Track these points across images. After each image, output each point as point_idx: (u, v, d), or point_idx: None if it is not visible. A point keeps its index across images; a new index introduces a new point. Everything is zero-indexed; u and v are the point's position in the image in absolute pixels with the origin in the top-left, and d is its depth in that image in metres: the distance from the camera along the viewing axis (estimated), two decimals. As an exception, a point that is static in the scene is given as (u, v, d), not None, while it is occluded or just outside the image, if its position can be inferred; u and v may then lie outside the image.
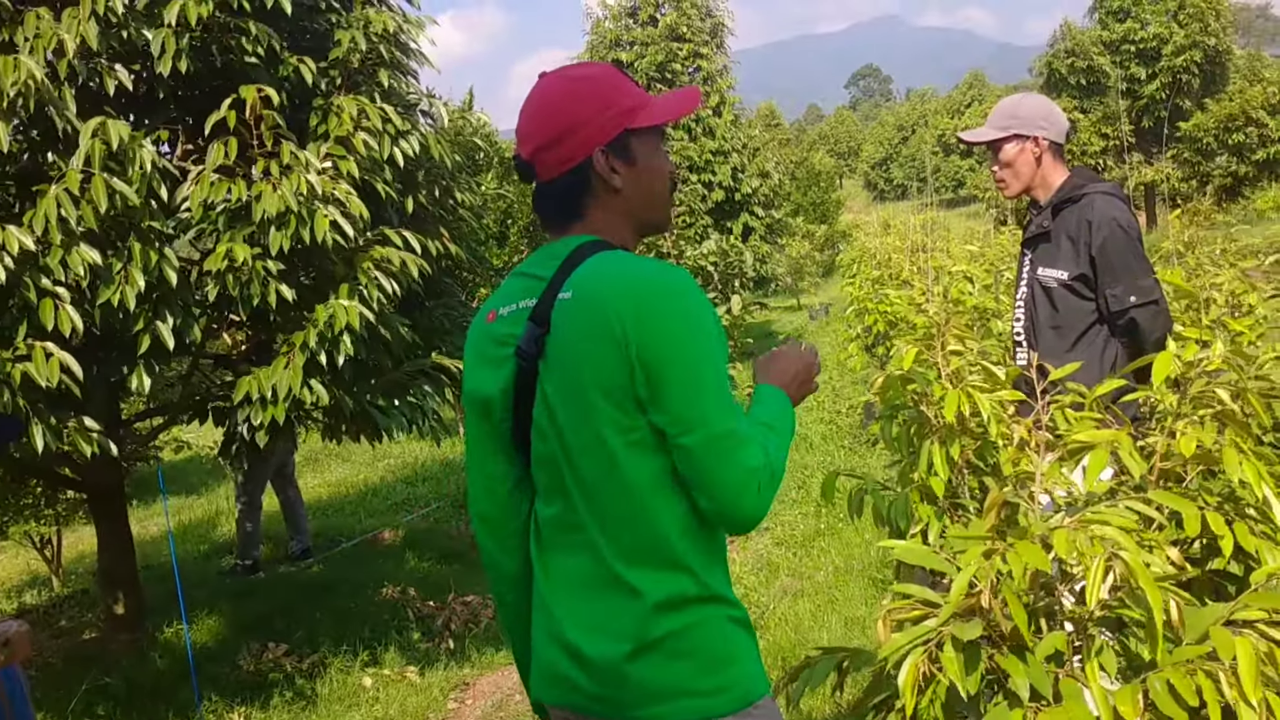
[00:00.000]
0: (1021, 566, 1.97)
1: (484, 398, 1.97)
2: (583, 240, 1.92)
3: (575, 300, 1.82)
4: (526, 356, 1.87)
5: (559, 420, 1.84)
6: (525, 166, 1.95)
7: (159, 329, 4.47)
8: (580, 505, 1.86)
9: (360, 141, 4.77)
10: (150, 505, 11.55)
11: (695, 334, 1.79)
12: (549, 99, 1.94)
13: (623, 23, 20.39)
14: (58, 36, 4.30)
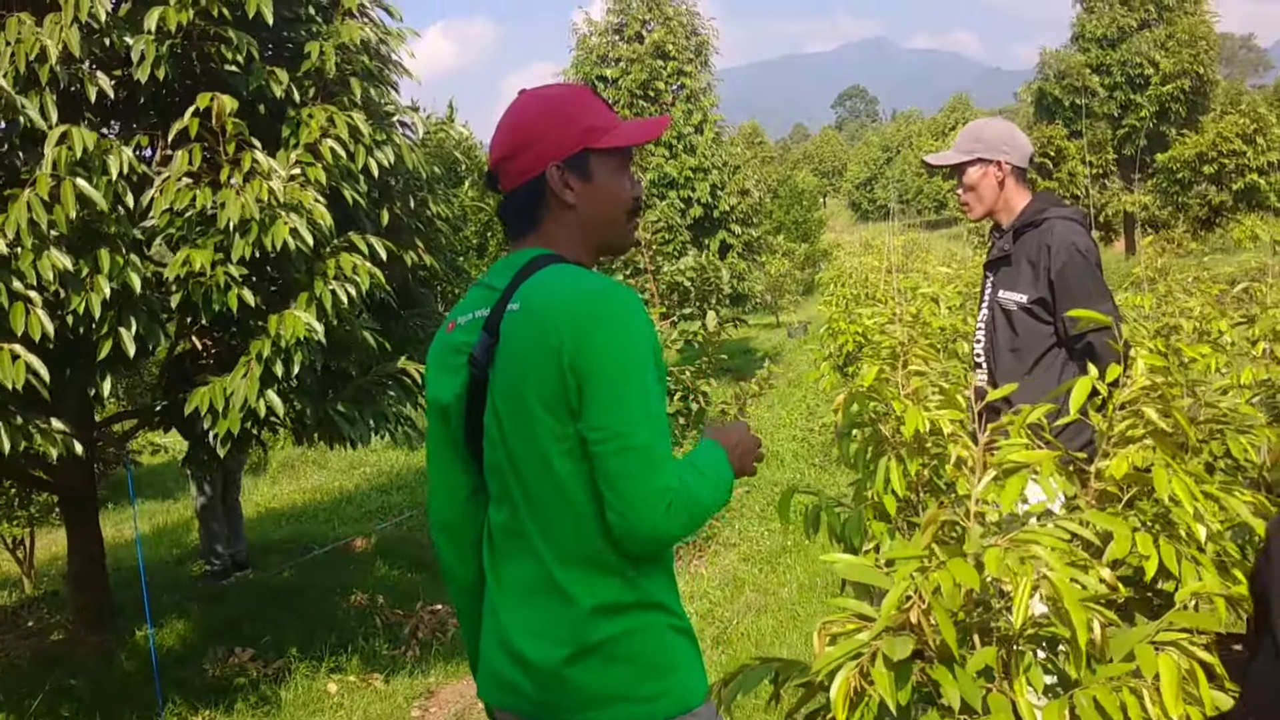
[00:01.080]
0: (951, 583, 2.02)
1: (442, 405, 2.01)
2: (536, 253, 1.98)
3: (521, 312, 1.87)
4: (478, 365, 1.92)
5: (505, 428, 1.89)
6: (491, 176, 2.03)
7: (121, 335, 4.50)
8: (524, 511, 1.91)
9: (328, 149, 4.81)
10: (125, 509, 11.52)
11: (625, 348, 1.82)
12: (518, 113, 2.01)
13: (609, 39, 20.47)
14: (40, 42, 4.34)
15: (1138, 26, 32.67)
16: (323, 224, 4.64)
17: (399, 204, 5.65)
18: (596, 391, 1.80)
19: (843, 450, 3.38)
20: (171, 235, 4.60)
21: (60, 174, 4.26)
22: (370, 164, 5.02)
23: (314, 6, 5.26)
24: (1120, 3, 32.93)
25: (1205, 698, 1.95)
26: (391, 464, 12.87)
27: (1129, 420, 2.61)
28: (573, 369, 1.79)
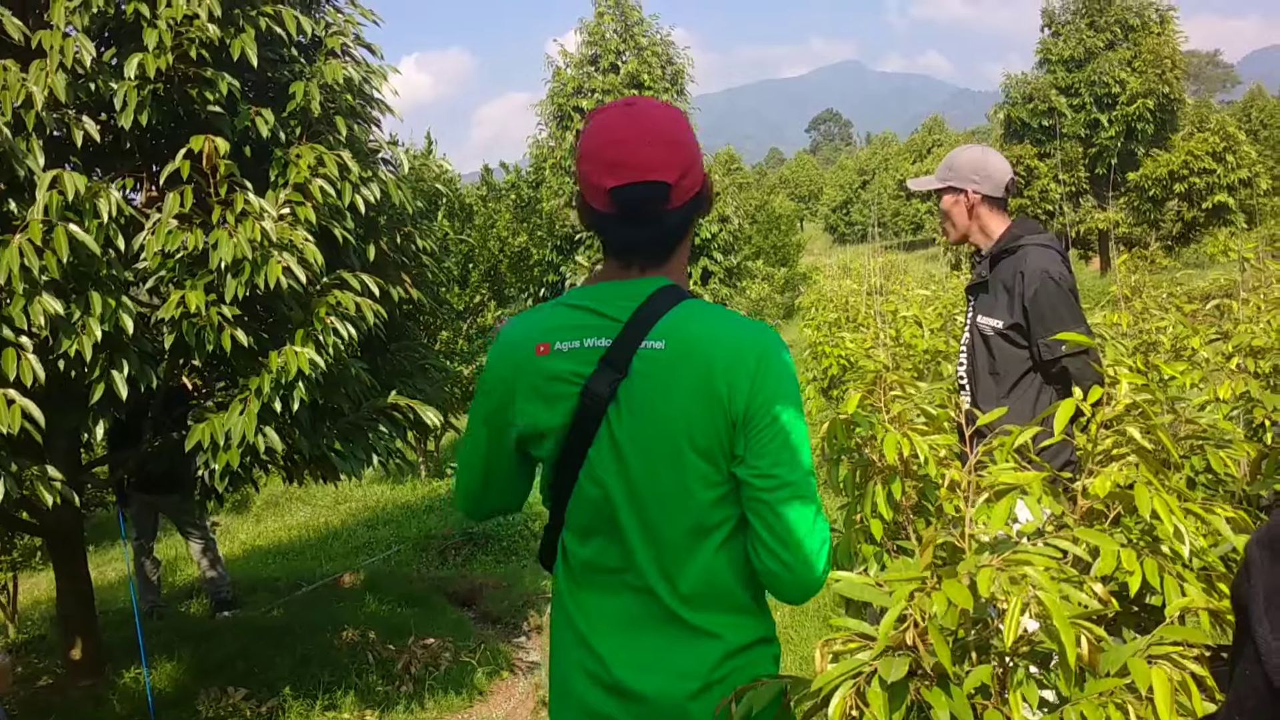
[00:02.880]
0: (945, 604, 2.07)
1: (537, 431, 1.94)
2: (661, 284, 1.90)
3: (671, 352, 1.82)
4: (595, 399, 1.85)
5: (630, 467, 1.85)
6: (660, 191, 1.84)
7: (113, 378, 4.52)
8: (638, 549, 1.88)
9: (317, 188, 4.86)
10: (108, 550, 11.47)
11: (793, 394, 1.83)
12: (673, 126, 1.89)
13: (584, 70, 20.63)
14: (26, 89, 4.38)
15: (1104, 47, 33.12)
16: (314, 262, 4.67)
17: (385, 239, 5.70)
18: (766, 438, 1.78)
19: (830, 476, 3.42)
20: (164, 277, 4.63)
21: (52, 218, 4.29)
22: (357, 201, 5.07)
23: (297, 47, 5.31)
24: (1086, 25, 33.38)
25: (1197, 709, 2.00)
26: (377, 498, 12.85)
27: (1112, 438, 2.68)
28: (744, 416, 1.77)
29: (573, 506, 1.96)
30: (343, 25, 5.52)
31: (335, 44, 5.35)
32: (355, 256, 5.38)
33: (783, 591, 1.87)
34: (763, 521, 1.80)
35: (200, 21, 4.60)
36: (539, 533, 9.98)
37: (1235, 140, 30.64)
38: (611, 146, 1.84)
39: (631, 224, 1.87)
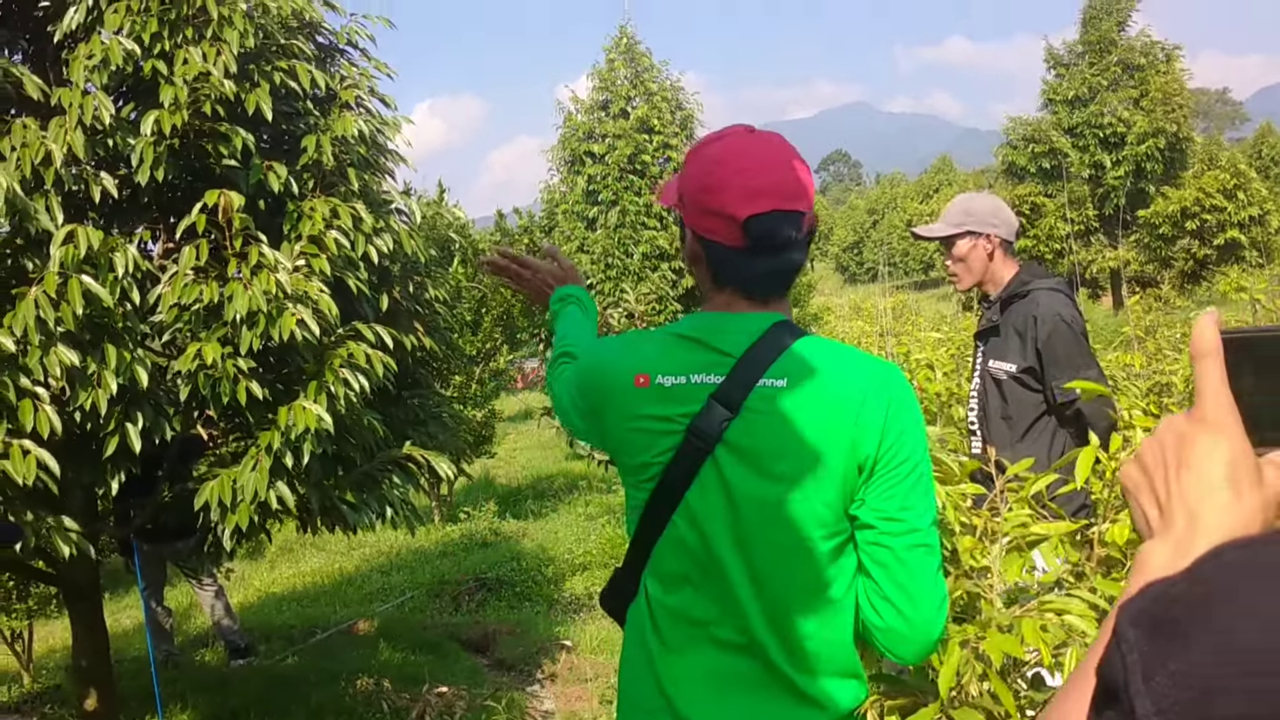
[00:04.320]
0: (1001, 655, 2.05)
1: (636, 464, 1.83)
2: (778, 318, 1.79)
3: (794, 390, 1.71)
4: (703, 438, 1.72)
5: (740, 513, 1.72)
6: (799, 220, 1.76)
7: (127, 431, 4.55)
8: (745, 602, 1.75)
9: (332, 240, 4.91)
10: (123, 597, 11.46)
11: (923, 435, 1.73)
12: (791, 153, 1.79)
13: (594, 115, 20.80)
14: (45, 147, 4.45)
15: (1108, 86, 33.25)
16: (329, 313, 4.71)
17: (398, 289, 5.73)
18: (895, 480, 1.67)
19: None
20: (180, 330, 4.67)
21: (67, 272, 4.34)
22: (371, 251, 5.11)
23: (311, 100, 5.38)
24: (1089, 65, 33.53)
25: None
26: (390, 544, 12.83)
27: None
28: (870, 456, 1.67)
29: (661, 550, 1.83)
30: (357, 79, 5.59)
31: (349, 97, 5.41)
32: (369, 306, 5.42)
33: (898, 649, 1.72)
34: (884, 570, 1.68)
35: (216, 78, 4.67)
36: (551, 577, 9.99)
37: (1246, 177, 30.67)
38: (746, 174, 1.73)
39: (763, 256, 1.75)
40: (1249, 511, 0.77)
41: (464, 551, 11.83)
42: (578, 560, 10.61)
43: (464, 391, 13.92)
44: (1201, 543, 0.73)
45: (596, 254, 19.85)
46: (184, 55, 4.74)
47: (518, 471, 18.23)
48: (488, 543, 12.13)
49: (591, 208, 20.38)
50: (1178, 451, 0.81)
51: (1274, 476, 0.80)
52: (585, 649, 7.72)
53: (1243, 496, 0.77)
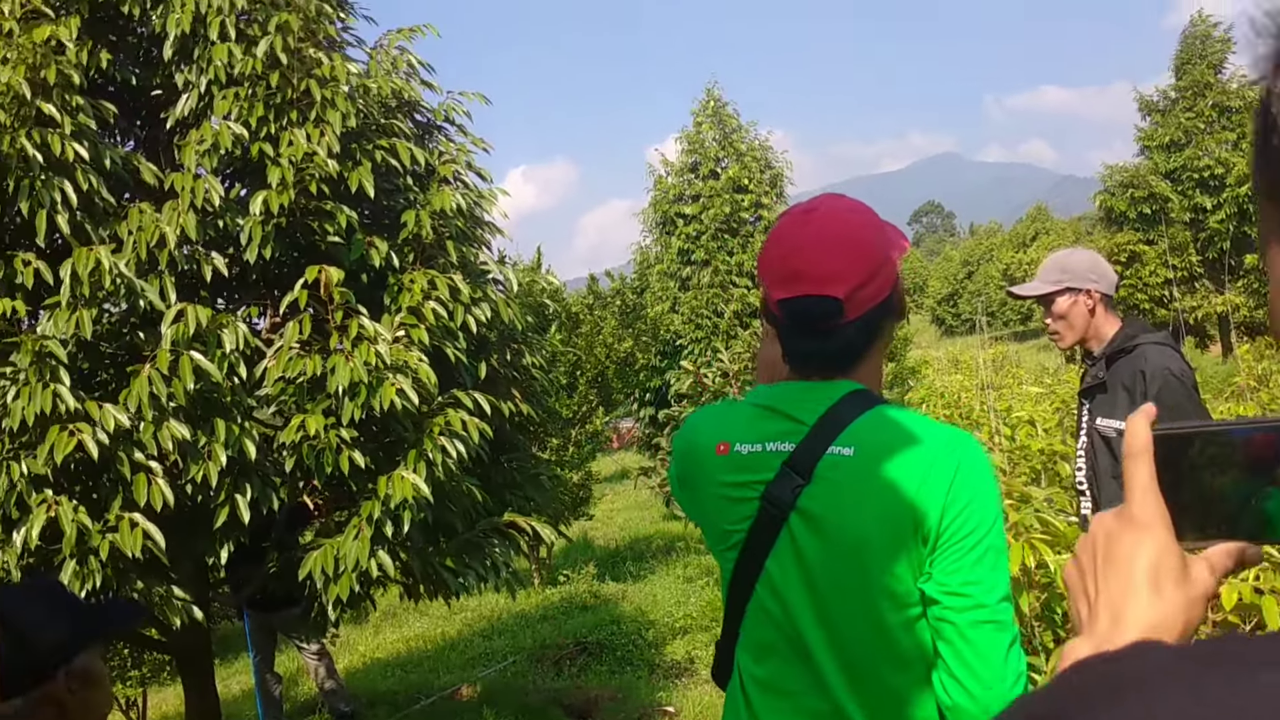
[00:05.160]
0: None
1: (719, 532, 1.84)
2: (852, 387, 1.78)
3: (860, 459, 1.69)
4: (777, 504, 1.73)
5: (816, 582, 1.71)
6: (831, 306, 1.73)
7: (237, 502, 4.67)
8: (829, 672, 1.72)
9: (430, 311, 5.02)
10: (232, 663, 11.68)
11: (995, 508, 1.69)
12: (855, 232, 1.78)
13: (685, 177, 20.97)
14: (159, 229, 4.64)
15: (1204, 129, 32.51)
16: (428, 383, 4.80)
17: (495, 356, 5.82)
18: (960, 553, 1.64)
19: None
20: (285, 402, 4.80)
21: (179, 349, 4.50)
22: (469, 321, 5.21)
23: (411, 176, 5.53)
24: (1183, 109, 32.84)
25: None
26: (491, 608, 12.88)
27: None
28: (935, 528, 1.64)
29: (749, 620, 1.82)
30: (454, 154, 5.74)
31: (447, 172, 5.55)
32: (467, 374, 5.51)
33: None
34: (951, 647, 1.62)
35: (320, 158, 4.83)
36: (652, 641, 9.93)
37: (1359, 217, 29.61)
38: (780, 258, 1.77)
39: (804, 337, 1.77)
40: (1171, 610, 0.77)
41: (564, 615, 11.82)
42: (678, 623, 10.53)
43: (561, 454, 14.01)
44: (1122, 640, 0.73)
45: (687, 314, 19.92)
46: (289, 137, 4.93)
47: (615, 532, 18.23)
48: (587, 606, 12.11)
49: (685, 267, 20.50)
50: (1106, 550, 0.82)
51: (1201, 573, 0.80)
52: (688, 715, 7.63)
53: (1163, 595, 0.77)
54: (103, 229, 4.78)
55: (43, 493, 4.39)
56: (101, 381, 5.09)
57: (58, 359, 4.40)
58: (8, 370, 4.46)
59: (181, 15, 5.01)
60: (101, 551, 4.35)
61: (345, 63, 5.27)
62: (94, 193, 4.70)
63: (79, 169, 4.64)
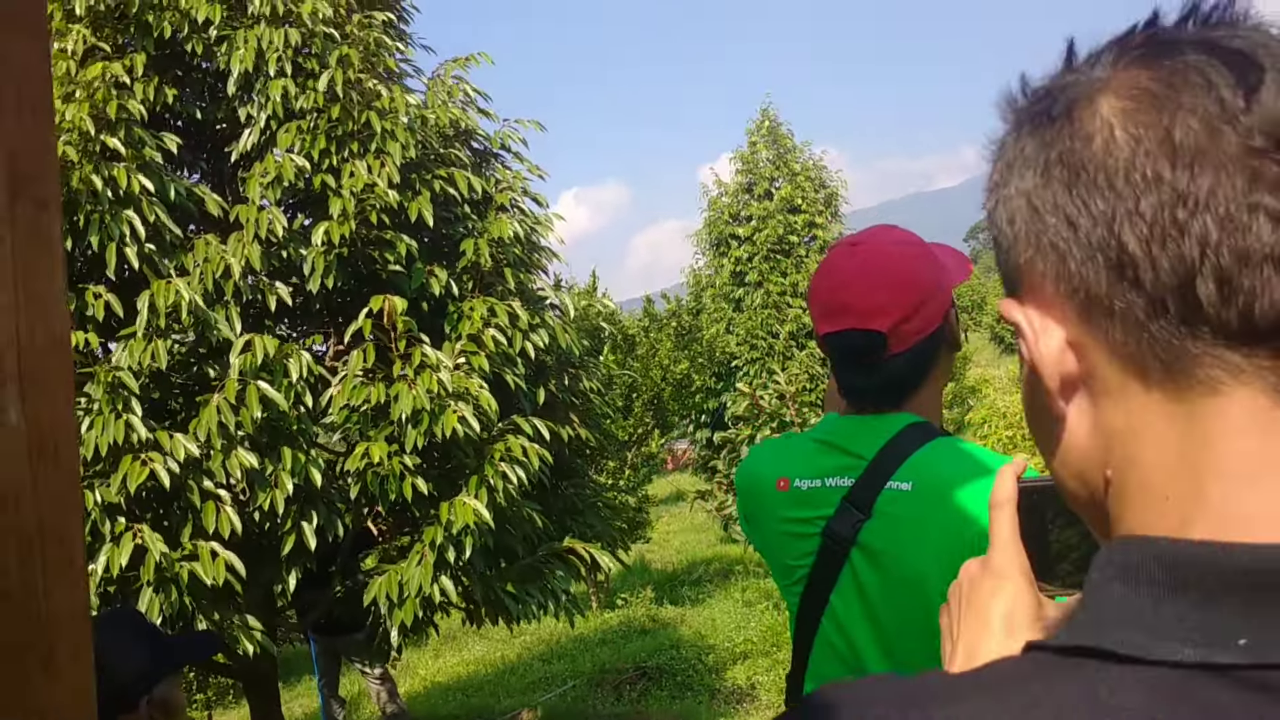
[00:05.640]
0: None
1: (784, 567, 1.83)
2: (911, 420, 1.74)
3: (919, 494, 1.67)
4: (838, 540, 1.72)
5: (880, 617, 1.70)
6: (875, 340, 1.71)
7: (303, 530, 4.73)
8: None
9: (490, 338, 5.06)
10: (294, 685, 11.79)
11: None
12: (899, 266, 1.74)
13: (739, 198, 20.98)
14: (225, 261, 4.73)
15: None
16: (488, 409, 4.84)
17: (553, 382, 5.85)
18: None
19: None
20: (349, 429, 4.86)
21: (246, 378, 4.58)
22: (527, 347, 5.24)
23: (469, 204, 5.59)
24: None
25: None
26: (550, 631, 12.89)
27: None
28: None
29: (815, 655, 1.80)
30: (511, 181, 5.80)
31: (504, 199, 5.61)
32: (526, 400, 5.54)
33: None
34: None
35: (380, 188, 4.91)
36: (712, 666, 9.87)
37: None
38: (827, 291, 1.75)
39: (852, 370, 1.76)
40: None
41: (623, 639, 11.80)
42: (738, 648, 10.47)
43: (617, 478, 14.01)
44: None
45: (741, 335, 19.89)
46: (350, 168, 5.01)
47: (672, 555, 18.17)
48: (646, 630, 12.08)
49: (738, 289, 20.48)
50: (968, 595, 0.86)
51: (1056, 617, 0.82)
52: (749, 740, 7.59)
53: (1016, 637, 0.80)
54: (170, 260, 4.89)
55: (117, 521, 4.48)
56: (172, 411, 5.19)
57: (130, 390, 4.49)
58: (82, 401, 4.56)
59: (244, 52, 5.12)
60: (181, 579, 4.43)
61: (404, 94, 5.36)
62: (161, 225, 4.81)
63: (145, 201, 4.75)
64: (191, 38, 5.26)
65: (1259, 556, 0.47)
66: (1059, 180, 0.54)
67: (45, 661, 0.97)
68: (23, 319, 0.94)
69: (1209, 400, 0.51)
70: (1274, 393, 0.50)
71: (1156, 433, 0.53)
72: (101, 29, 5.27)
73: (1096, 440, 0.56)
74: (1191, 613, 0.48)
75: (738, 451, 11.84)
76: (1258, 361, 0.50)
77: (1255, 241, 0.48)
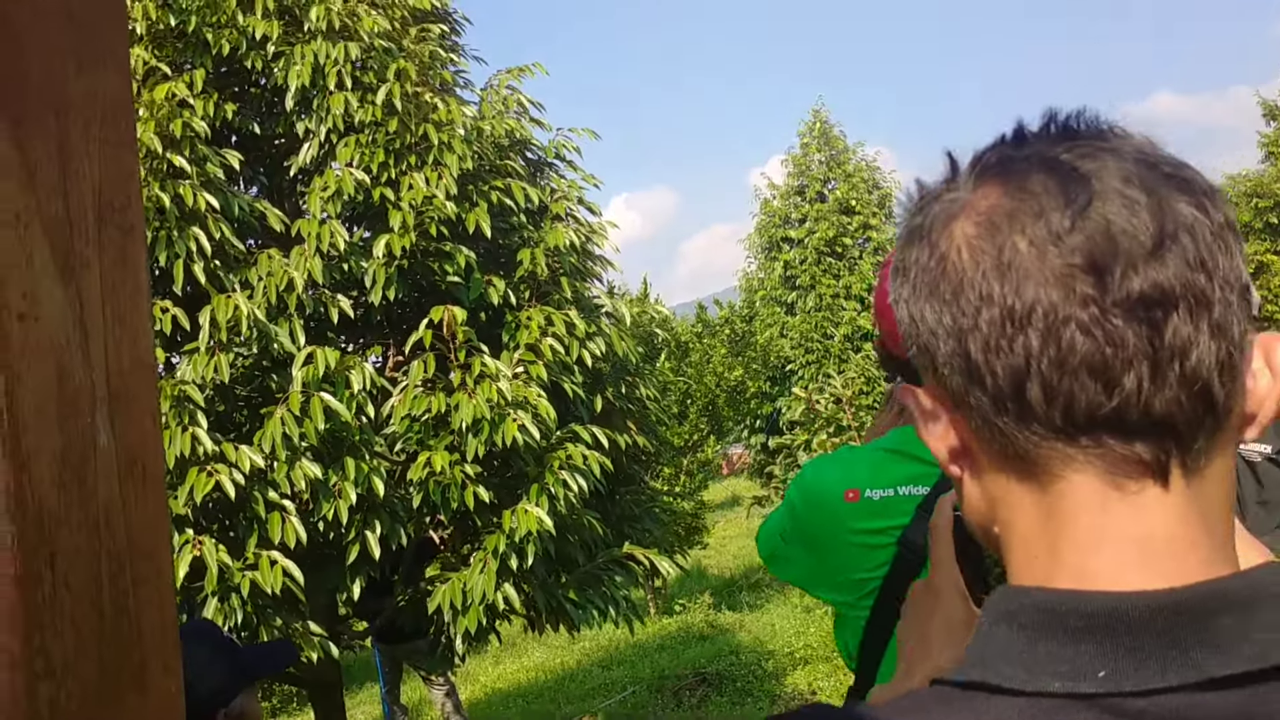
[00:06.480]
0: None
1: (853, 581, 1.80)
2: None
3: None
4: (914, 550, 1.70)
5: None
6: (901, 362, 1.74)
7: (367, 538, 4.78)
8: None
9: (547, 346, 5.09)
10: (357, 693, 11.90)
11: None
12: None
13: (791, 200, 20.90)
14: (288, 274, 4.80)
15: (1339, 130, 31.10)
16: (547, 418, 4.86)
17: (610, 389, 5.86)
18: None
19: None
20: (410, 439, 4.91)
21: (309, 390, 4.64)
22: (584, 355, 5.26)
23: (525, 214, 5.62)
24: (1317, 110, 31.49)
25: None
26: (610, 637, 12.90)
27: None
28: None
29: (885, 668, 1.77)
30: (565, 190, 5.83)
31: (559, 209, 5.64)
32: (584, 408, 5.56)
33: None
34: None
35: (439, 201, 4.95)
36: (772, 672, 9.83)
37: None
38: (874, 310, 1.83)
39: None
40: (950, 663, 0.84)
41: (681, 645, 11.79)
42: (798, 654, 10.42)
43: (673, 484, 14.01)
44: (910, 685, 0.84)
45: (795, 339, 19.81)
46: (409, 181, 5.06)
47: (729, 561, 18.13)
48: (705, 636, 12.06)
49: (790, 292, 20.40)
50: (913, 611, 1.01)
51: None
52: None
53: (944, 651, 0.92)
54: (234, 275, 4.97)
55: (184, 533, 4.55)
56: (236, 423, 5.26)
57: (195, 403, 4.57)
58: (149, 415, 4.64)
59: (302, 67, 5.19)
60: (243, 589, 4.49)
61: (460, 106, 5.40)
62: (225, 241, 4.89)
63: (210, 218, 4.83)
64: (250, 54, 5.35)
65: (1110, 602, 0.57)
66: (924, 293, 0.63)
67: (137, 676, 0.99)
68: (110, 342, 0.96)
69: (1053, 483, 0.60)
70: (1103, 475, 0.59)
71: (1022, 505, 0.62)
72: (162, 48, 5.37)
73: (985, 503, 0.65)
74: (1060, 650, 0.57)
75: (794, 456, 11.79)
76: (1084, 450, 0.58)
77: (1070, 352, 0.57)
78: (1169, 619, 0.56)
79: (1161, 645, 0.56)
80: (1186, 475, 0.59)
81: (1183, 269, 0.57)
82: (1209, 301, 0.58)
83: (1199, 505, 0.60)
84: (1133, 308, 0.56)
